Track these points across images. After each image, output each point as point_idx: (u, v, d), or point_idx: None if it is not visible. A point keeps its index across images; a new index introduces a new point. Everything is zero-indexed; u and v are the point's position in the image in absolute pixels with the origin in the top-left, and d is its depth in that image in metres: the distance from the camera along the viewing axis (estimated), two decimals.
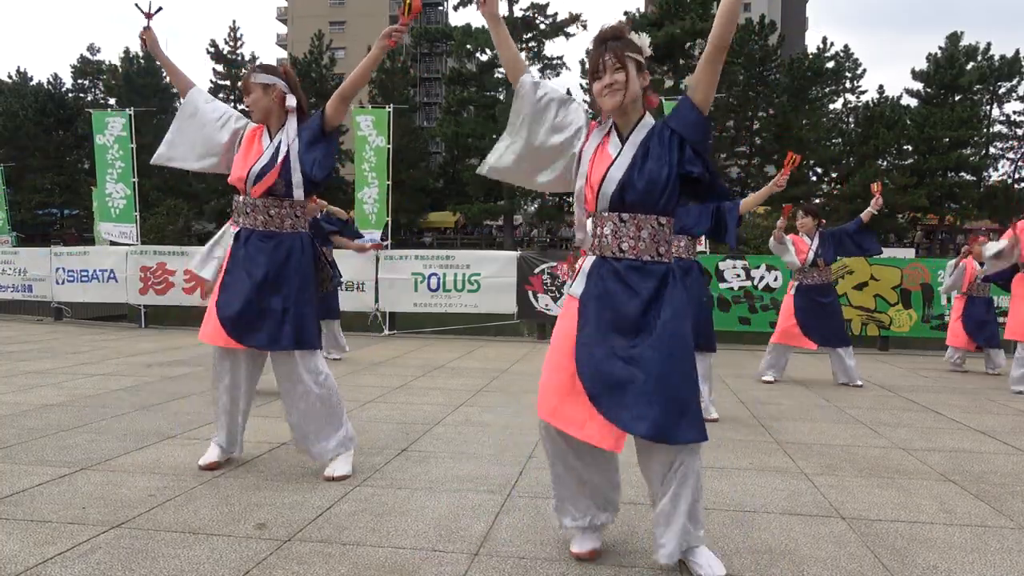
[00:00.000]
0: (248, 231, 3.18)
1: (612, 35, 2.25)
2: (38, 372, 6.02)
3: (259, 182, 3.11)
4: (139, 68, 39.59)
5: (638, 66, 2.23)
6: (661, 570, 2.28)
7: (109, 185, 10.31)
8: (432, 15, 65.72)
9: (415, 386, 5.71)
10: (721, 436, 4.16)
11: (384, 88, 38.72)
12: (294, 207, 3.20)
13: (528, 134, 2.40)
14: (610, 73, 2.21)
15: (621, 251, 2.23)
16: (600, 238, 2.26)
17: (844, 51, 38.25)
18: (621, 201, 2.22)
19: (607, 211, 2.25)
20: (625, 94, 2.21)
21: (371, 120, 9.83)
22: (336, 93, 3.14)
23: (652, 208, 2.22)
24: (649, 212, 2.22)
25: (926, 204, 33.79)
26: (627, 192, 2.21)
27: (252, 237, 3.17)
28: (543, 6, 36.60)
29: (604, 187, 2.23)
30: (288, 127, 3.18)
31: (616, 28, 2.28)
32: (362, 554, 2.37)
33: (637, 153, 2.23)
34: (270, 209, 3.17)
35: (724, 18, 2.15)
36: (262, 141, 3.21)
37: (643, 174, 2.20)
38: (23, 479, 3.07)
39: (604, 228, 2.25)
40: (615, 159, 2.24)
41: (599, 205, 2.26)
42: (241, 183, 3.17)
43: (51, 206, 39.67)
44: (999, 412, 5.13)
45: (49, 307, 11.09)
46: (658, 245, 2.24)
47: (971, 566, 2.39)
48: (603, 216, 2.26)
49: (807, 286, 6.24)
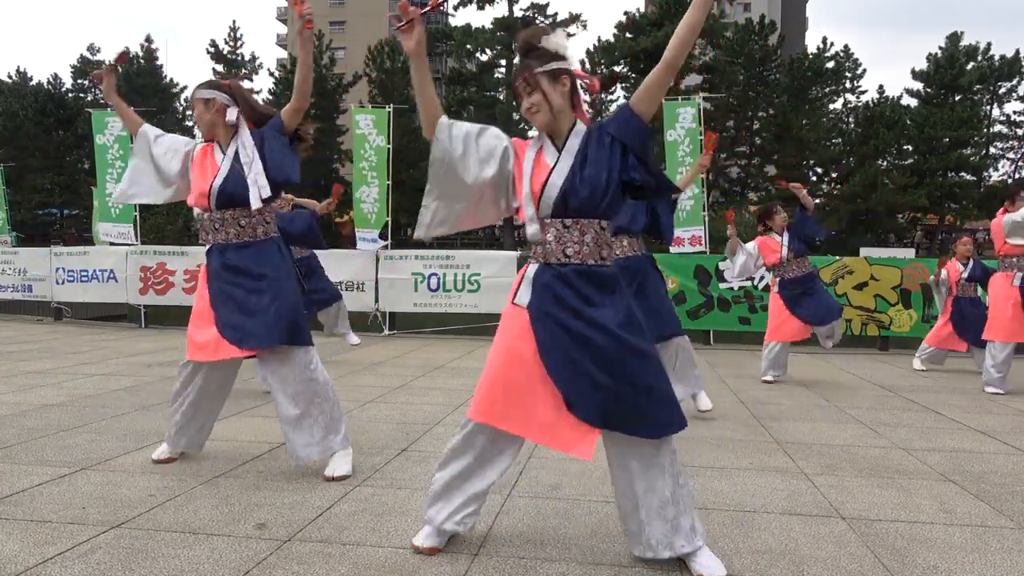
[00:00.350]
0: (221, 246, 3.18)
1: (523, 51, 2.27)
2: (38, 372, 6.02)
3: (222, 196, 3.12)
4: (139, 68, 39.61)
5: (553, 76, 2.25)
6: (661, 570, 2.28)
7: (109, 185, 10.31)
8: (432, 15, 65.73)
9: (415, 386, 5.71)
10: (721, 436, 4.16)
11: (384, 88, 38.72)
12: (263, 214, 3.21)
13: (461, 172, 2.32)
14: (526, 97, 2.27)
15: (566, 256, 2.25)
16: (544, 245, 2.28)
17: (844, 51, 38.25)
18: (564, 207, 2.24)
19: (549, 218, 2.27)
20: (548, 111, 2.26)
21: (371, 119, 9.83)
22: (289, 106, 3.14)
23: (594, 212, 2.25)
24: (591, 216, 2.25)
25: (926, 204, 33.78)
26: (570, 198, 2.23)
27: (227, 250, 3.17)
28: (543, 6, 36.61)
29: (546, 194, 2.25)
30: (241, 137, 3.18)
31: (526, 41, 2.28)
32: (362, 554, 2.37)
33: (575, 160, 2.26)
34: (240, 220, 3.17)
35: (680, 40, 2.21)
36: (215, 156, 3.20)
37: (584, 180, 2.22)
38: (23, 479, 3.07)
39: (547, 235, 2.27)
40: (553, 167, 2.27)
41: (541, 212, 2.28)
42: (204, 200, 3.16)
43: (51, 206, 39.65)
44: (999, 412, 5.13)
45: (49, 307, 11.09)
46: (601, 249, 2.28)
47: (971, 566, 2.39)
48: (545, 223, 2.28)
49: (789, 280, 6.26)
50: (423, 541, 2.38)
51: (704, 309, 9.02)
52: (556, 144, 2.32)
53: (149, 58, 40.29)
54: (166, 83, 40.86)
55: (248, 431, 4.04)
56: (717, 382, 6.30)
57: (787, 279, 6.27)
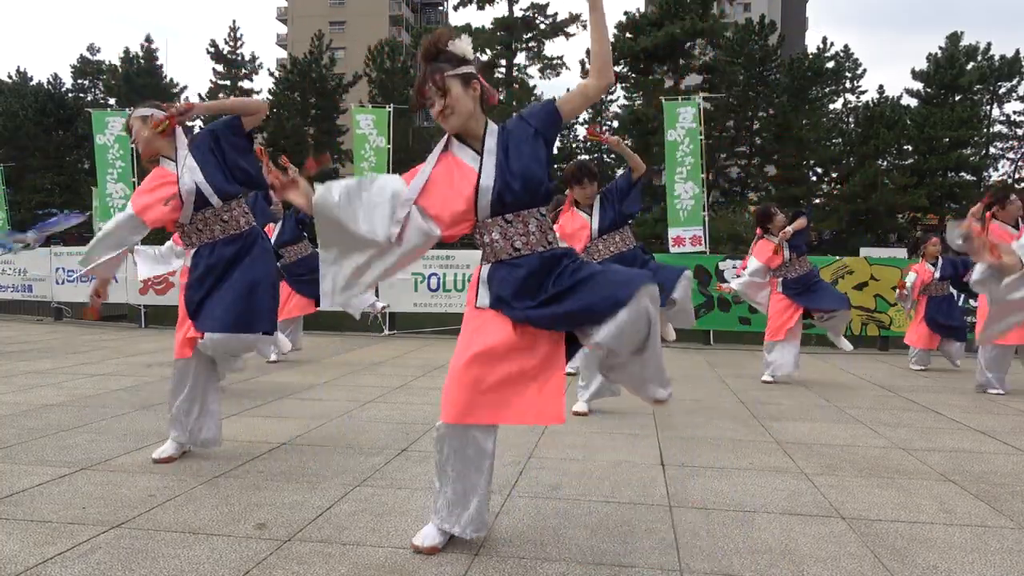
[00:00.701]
0: (209, 244, 3.24)
1: (429, 55, 2.28)
2: (38, 372, 6.02)
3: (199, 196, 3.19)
4: (139, 68, 39.58)
5: (464, 79, 2.27)
6: (661, 570, 2.28)
7: (109, 185, 10.32)
8: (432, 15, 65.73)
9: (415, 386, 5.71)
10: (721, 436, 4.16)
11: (384, 88, 38.69)
12: (240, 205, 3.32)
13: (353, 229, 2.27)
14: (437, 100, 2.27)
15: (516, 250, 2.29)
16: (491, 245, 2.31)
17: (844, 51, 38.22)
18: (501, 204, 2.27)
19: (489, 218, 2.29)
20: (459, 113, 2.28)
21: (371, 120, 9.84)
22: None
23: (532, 202, 2.29)
24: (530, 207, 2.29)
25: (926, 204, 33.76)
26: (505, 195, 2.26)
27: (216, 247, 3.24)
28: (543, 6, 36.58)
29: (480, 199, 2.27)
30: (179, 141, 3.26)
31: (429, 47, 2.29)
32: (362, 554, 2.37)
33: (499, 157, 2.28)
34: (222, 216, 3.26)
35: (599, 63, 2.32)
36: (167, 169, 3.26)
37: (515, 174, 2.26)
38: (23, 479, 3.07)
39: (492, 234, 2.30)
40: (480, 169, 2.28)
41: (480, 215, 2.30)
42: (176, 213, 3.21)
43: (51, 206, 39.56)
44: (999, 412, 5.13)
45: (49, 307, 11.09)
46: (546, 234, 2.32)
47: (971, 566, 2.39)
48: (487, 223, 2.30)
49: (792, 280, 6.29)
50: (423, 541, 2.38)
51: (704, 309, 9.02)
52: (473, 147, 2.34)
53: (149, 58, 40.21)
54: (166, 83, 40.79)
55: (248, 431, 4.04)
56: (717, 382, 6.30)
57: (790, 279, 6.28)
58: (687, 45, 33.97)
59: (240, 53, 40.77)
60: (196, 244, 3.28)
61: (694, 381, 6.29)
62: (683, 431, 4.27)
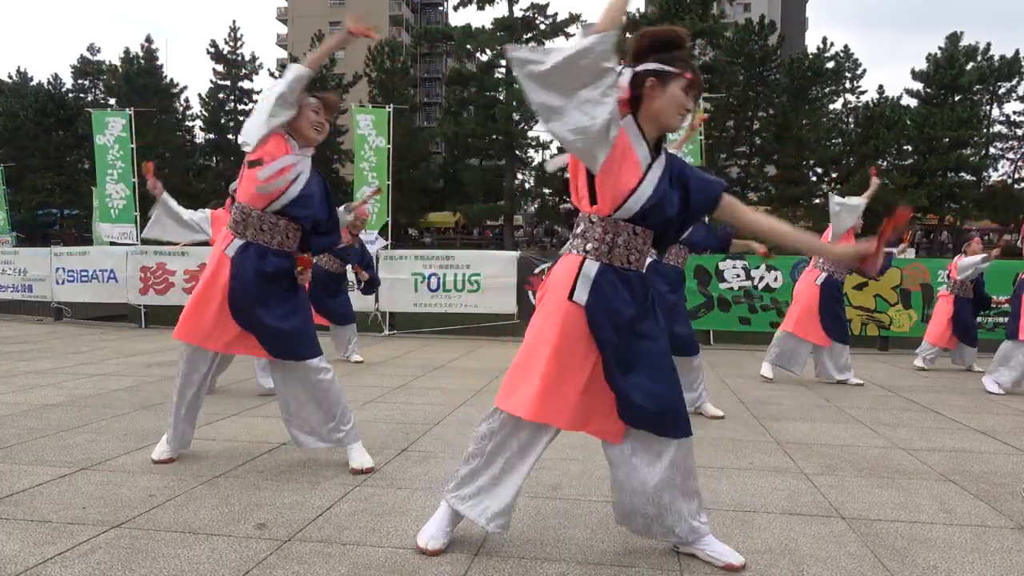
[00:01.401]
0: (263, 247, 3.18)
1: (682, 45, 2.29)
2: (38, 372, 6.02)
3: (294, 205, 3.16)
4: (139, 68, 39.59)
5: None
6: (661, 570, 2.28)
7: (109, 186, 10.33)
8: (432, 15, 65.71)
9: (415, 386, 5.71)
10: (721, 436, 4.16)
11: (384, 88, 38.70)
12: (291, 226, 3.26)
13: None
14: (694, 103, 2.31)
15: (629, 262, 2.30)
16: (613, 246, 2.27)
17: (844, 51, 38.27)
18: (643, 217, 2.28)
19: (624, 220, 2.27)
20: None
21: (371, 120, 9.84)
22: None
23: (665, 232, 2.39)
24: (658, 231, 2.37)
25: (926, 204, 33.79)
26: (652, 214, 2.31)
27: (268, 255, 3.18)
28: (543, 6, 36.57)
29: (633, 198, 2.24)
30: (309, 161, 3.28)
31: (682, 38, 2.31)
32: (362, 554, 2.37)
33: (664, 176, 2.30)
34: (288, 232, 3.23)
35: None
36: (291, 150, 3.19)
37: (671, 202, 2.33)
38: (23, 479, 3.07)
39: (618, 236, 2.27)
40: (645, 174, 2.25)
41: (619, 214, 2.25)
42: (270, 199, 3.13)
43: (51, 206, 39.66)
44: (999, 412, 5.13)
45: (49, 307, 11.10)
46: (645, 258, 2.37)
47: (971, 566, 2.39)
48: (620, 224, 2.26)
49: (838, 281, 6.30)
50: (428, 543, 2.38)
51: (704, 309, 9.02)
52: (649, 146, 2.26)
53: (149, 58, 40.22)
54: (166, 83, 40.81)
55: (248, 431, 4.04)
56: (717, 382, 6.30)
57: (834, 278, 6.26)
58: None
59: (240, 53, 40.78)
60: (247, 239, 3.19)
61: None
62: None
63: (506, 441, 2.33)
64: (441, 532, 2.40)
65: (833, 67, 36.89)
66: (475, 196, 36.92)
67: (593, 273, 2.24)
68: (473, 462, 2.36)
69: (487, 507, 2.34)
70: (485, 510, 2.34)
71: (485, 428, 2.36)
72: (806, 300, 6.23)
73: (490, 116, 35.85)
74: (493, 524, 2.34)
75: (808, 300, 6.22)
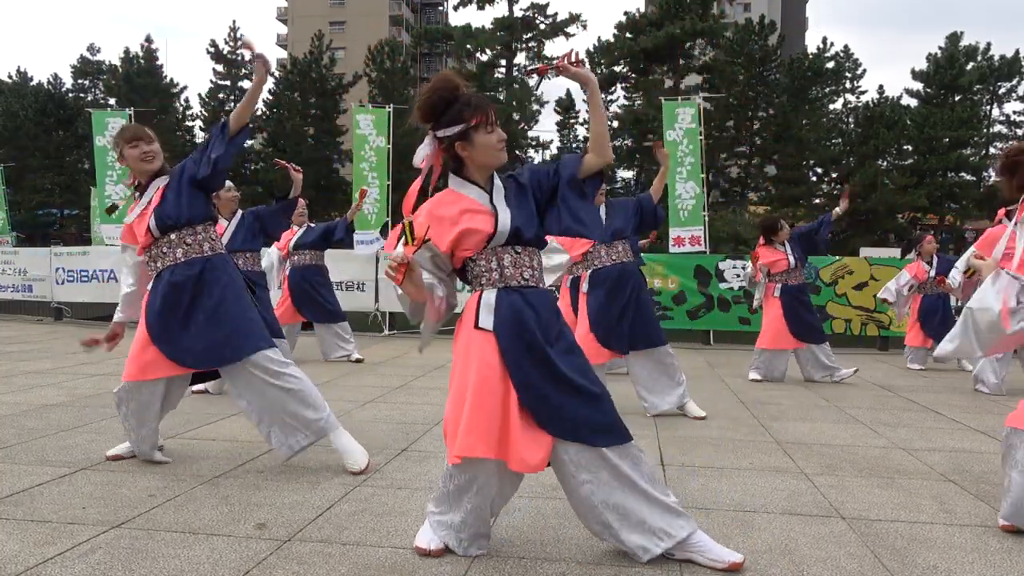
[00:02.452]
0: (170, 267, 3.21)
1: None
2: (38, 372, 6.02)
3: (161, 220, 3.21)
4: (139, 68, 39.58)
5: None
6: (661, 570, 2.28)
7: (108, 186, 10.33)
8: (432, 15, 65.70)
9: (415, 386, 5.71)
10: (721, 436, 4.16)
11: (384, 88, 38.67)
12: (207, 230, 3.29)
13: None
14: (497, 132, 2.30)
15: (524, 279, 2.33)
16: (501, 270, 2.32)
17: (844, 51, 38.21)
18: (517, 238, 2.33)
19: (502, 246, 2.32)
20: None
21: (371, 120, 9.84)
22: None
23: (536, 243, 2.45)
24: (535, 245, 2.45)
25: (926, 204, 33.76)
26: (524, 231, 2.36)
27: (176, 269, 3.20)
28: (543, 6, 36.56)
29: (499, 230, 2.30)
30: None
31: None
32: (362, 554, 2.37)
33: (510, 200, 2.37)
34: (185, 239, 3.23)
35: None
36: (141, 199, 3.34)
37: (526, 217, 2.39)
38: (23, 479, 3.07)
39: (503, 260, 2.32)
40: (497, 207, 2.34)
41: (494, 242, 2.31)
42: (146, 237, 3.24)
43: (51, 206, 39.63)
44: (999, 412, 5.13)
45: (49, 307, 11.09)
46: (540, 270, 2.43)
47: (971, 566, 2.39)
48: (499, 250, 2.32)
49: (792, 286, 6.33)
50: (430, 544, 2.37)
51: (704, 309, 9.02)
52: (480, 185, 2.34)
53: (149, 58, 40.21)
54: (166, 83, 40.80)
55: (248, 431, 4.04)
56: (717, 382, 6.30)
57: (789, 285, 6.32)
58: (687, 45, 34.00)
59: (240, 53, 40.72)
60: (158, 269, 3.27)
61: (694, 381, 6.27)
62: (683, 431, 4.27)
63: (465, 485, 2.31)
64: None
65: (833, 67, 36.85)
66: None
67: (492, 299, 2.28)
68: (442, 503, 2.38)
69: (461, 539, 2.35)
70: (460, 542, 2.35)
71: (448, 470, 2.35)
72: (771, 314, 6.39)
73: None
74: (473, 549, 2.36)
75: (773, 313, 6.37)
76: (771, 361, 6.37)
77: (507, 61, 37.48)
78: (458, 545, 2.34)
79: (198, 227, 3.27)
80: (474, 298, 2.33)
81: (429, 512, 2.43)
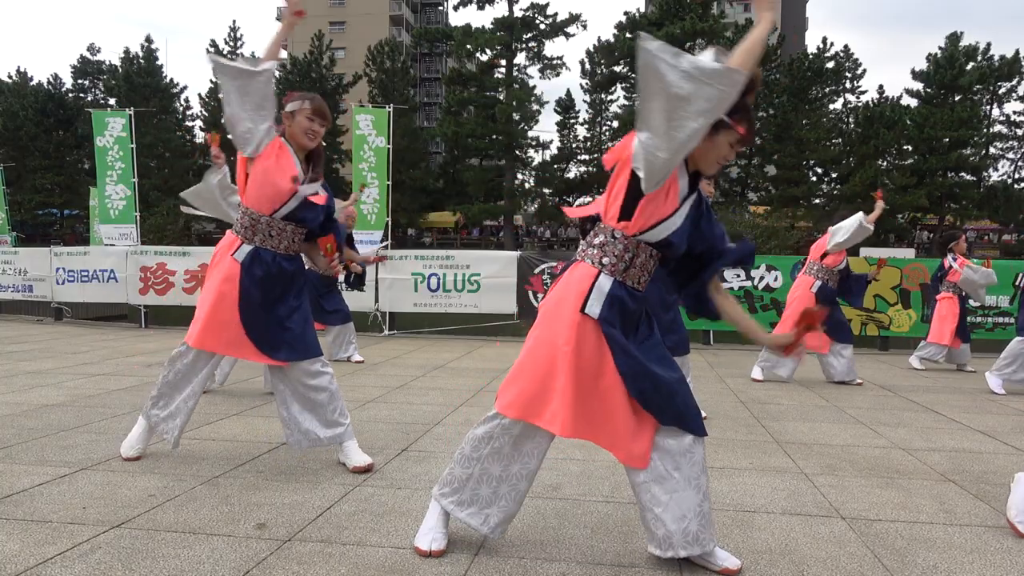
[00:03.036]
0: (270, 252, 3.20)
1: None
2: (38, 372, 6.02)
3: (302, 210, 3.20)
4: (139, 68, 39.59)
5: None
6: (661, 570, 2.28)
7: (109, 187, 10.33)
8: (432, 15, 65.69)
9: (415, 386, 5.71)
10: (721, 436, 4.16)
11: (384, 88, 38.71)
12: (300, 235, 3.31)
13: None
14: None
15: (639, 283, 2.31)
16: (629, 264, 2.26)
17: (844, 51, 38.25)
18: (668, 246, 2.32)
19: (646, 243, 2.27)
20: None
21: (371, 120, 9.83)
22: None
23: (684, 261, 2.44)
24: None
25: (926, 204, 33.80)
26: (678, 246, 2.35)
27: (277, 259, 3.22)
28: (543, 6, 36.60)
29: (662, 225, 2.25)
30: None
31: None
32: (362, 554, 2.37)
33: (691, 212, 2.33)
34: (295, 236, 3.27)
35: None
36: (293, 159, 3.18)
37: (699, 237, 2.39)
38: (23, 479, 3.07)
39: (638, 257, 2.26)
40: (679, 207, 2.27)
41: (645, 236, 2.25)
42: (281, 200, 3.14)
43: (51, 206, 39.67)
44: (999, 412, 5.13)
45: (49, 307, 11.10)
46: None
47: (971, 566, 2.39)
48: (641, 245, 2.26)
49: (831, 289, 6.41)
50: (431, 544, 2.37)
51: None
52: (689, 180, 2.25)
53: (149, 58, 40.22)
54: (166, 83, 40.81)
55: (248, 431, 4.04)
56: (717, 382, 6.30)
57: (830, 287, 6.38)
58: (687, 45, 34.00)
59: (240, 53, 40.76)
60: (255, 244, 3.21)
61: (694, 381, 6.27)
62: None
63: (505, 448, 2.30)
64: (440, 533, 2.40)
65: (833, 67, 36.89)
66: (475, 196, 36.94)
67: (607, 288, 2.22)
68: (470, 467, 2.34)
69: (488, 516, 2.34)
70: (487, 519, 2.34)
71: (483, 432, 2.34)
72: (802, 306, 6.29)
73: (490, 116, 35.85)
74: (497, 531, 2.35)
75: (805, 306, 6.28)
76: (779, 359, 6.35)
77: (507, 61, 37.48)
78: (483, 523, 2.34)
79: (301, 231, 3.30)
80: (589, 274, 2.24)
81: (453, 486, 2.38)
